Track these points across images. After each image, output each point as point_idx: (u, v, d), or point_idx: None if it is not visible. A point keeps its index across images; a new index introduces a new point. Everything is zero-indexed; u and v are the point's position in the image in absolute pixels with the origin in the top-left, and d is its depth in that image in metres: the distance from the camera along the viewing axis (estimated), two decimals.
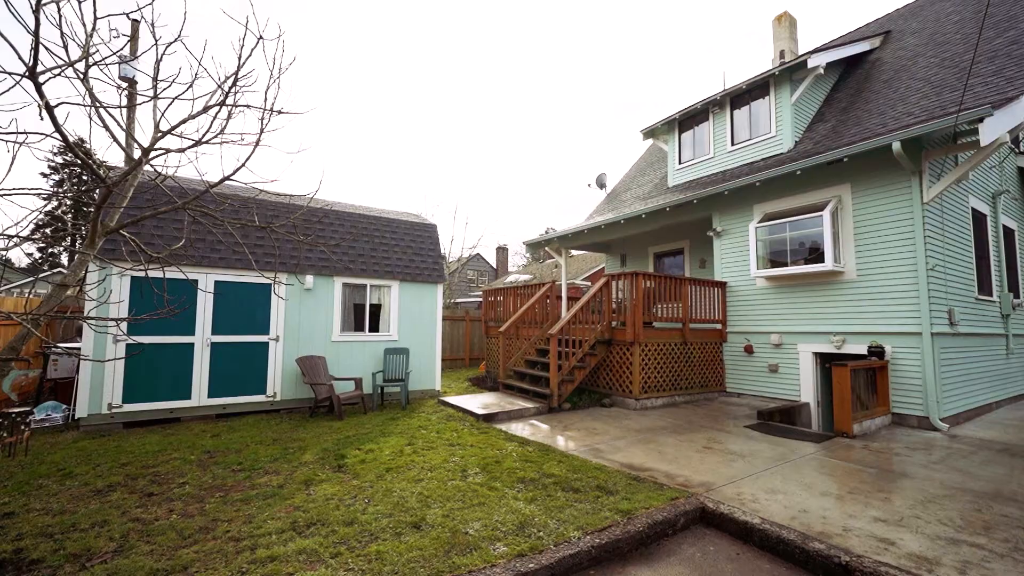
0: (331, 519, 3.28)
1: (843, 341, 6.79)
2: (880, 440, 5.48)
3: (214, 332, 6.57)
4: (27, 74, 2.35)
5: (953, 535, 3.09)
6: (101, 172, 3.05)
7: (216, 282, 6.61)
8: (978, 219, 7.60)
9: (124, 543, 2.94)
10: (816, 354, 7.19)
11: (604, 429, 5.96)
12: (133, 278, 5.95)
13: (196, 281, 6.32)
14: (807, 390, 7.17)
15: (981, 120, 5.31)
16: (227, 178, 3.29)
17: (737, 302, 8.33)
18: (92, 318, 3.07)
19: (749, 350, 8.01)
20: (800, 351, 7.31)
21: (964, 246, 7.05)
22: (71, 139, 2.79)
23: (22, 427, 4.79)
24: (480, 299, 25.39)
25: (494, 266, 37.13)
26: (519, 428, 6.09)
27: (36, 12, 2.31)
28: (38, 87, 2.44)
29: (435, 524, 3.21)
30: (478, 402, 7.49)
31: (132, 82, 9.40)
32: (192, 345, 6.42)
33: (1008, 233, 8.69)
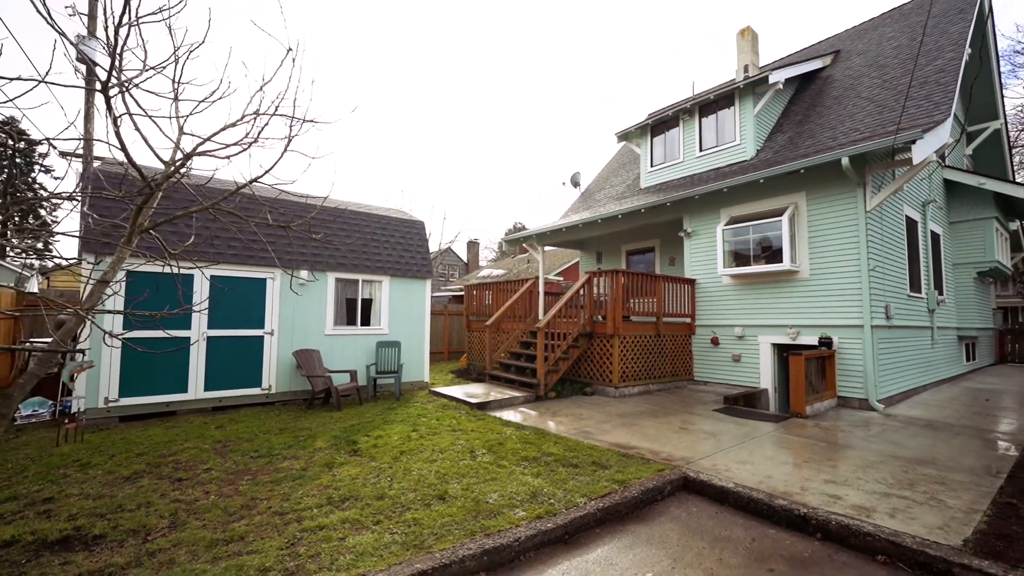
0: (362, 495, 3.63)
1: (798, 333, 7.62)
2: (828, 419, 6.28)
3: (210, 326, 6.66)
4: (101, 89, 2.56)
5: (886, 490, 3.78)
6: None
7: (212, 277, 6.68)
8: (911, 225, 8.62)
9: (175, 520, 3.19)
10: (774, 345, 8.01)
11: (590, 415, 6.50)
12: (128, 272, 5.96)
13: (192, 276, 6.40)
14: (766, 377, 7.98)
15: (914, 142, 6.14)
16: (256, 179, 3.56)
17: (705, 298, 9.07)
18: (130, 312, 3.26)
19: (715, 342, 8.77)
20: (760, 342, 8.11)
21: (899, 249, 8.02)
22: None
23: (79, 416, 4.86)
24: (451, 293, 25.60)
25: (465, 260, 37.33)
26: (511, 415, 6.54)
27: (116, 32, 2.51)
28: (108, 101, 2.64)
29: (457, 496, 3.62)
30: (468, 392, 7.88)
31: (91, 64, 9.07)
32: (188, 339, 6.49)
33: (935, 238, 9.84)
